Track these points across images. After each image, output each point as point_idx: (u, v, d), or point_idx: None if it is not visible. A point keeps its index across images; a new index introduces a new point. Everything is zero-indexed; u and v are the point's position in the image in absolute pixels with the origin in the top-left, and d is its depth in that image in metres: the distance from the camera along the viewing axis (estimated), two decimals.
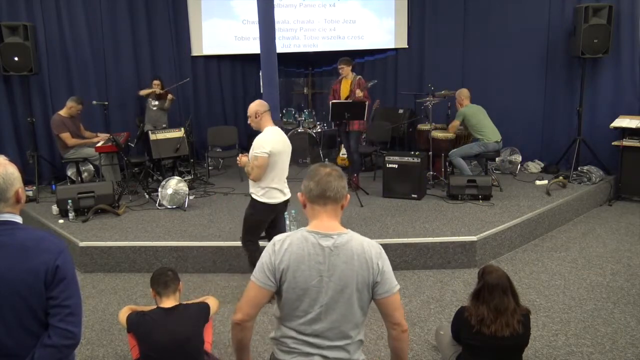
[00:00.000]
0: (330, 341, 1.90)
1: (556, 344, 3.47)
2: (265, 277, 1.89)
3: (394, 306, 1.95)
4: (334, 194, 1.91)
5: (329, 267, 1.87)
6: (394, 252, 4.73)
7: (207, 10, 8.35)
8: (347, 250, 1.88)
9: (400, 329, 1.96)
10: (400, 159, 6.06)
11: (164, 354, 2.70)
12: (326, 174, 1.92)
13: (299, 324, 1.90)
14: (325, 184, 1.91)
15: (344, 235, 1.91)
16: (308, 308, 1.88)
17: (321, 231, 1.90)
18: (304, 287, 1.87)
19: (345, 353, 1.92)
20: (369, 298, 1.94)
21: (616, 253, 4.99)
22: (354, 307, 1.90)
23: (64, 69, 7.26)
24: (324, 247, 1.88)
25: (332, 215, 1.94)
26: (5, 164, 1.78)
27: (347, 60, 6.43)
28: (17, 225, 1.78)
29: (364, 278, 1.88)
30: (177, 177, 6.12)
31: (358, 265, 1.87)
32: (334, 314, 1.88)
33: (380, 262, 1.91)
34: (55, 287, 1.71)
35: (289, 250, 1.88)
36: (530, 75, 7.35)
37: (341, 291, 1.87)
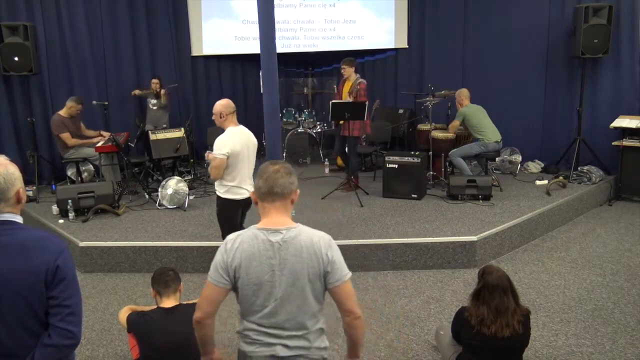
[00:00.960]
0: (289, 331, 1.98)
1: (556, 344, 3.47)
2: (218, 276, 1.97)
3: (345, 295, 2.00)
4: (282, 190, 1.97)
5: (279, 261, 1.94)
6: (394, 252, 4.73)
7: (207, 10, 8.35)
8: (296, 244, 1.95)
9: (353, 316, 2.01)
10: (400, 159, 6.06)
11: (164, 354, 2.70)
12: (274, 171, 1.99)
13: (258, 318, 1.98)
14: (272, 181, 1.97)
15: (292, 229, 1.98)
16: (264, 302, 1.96)
17: (270, 227, 1.97)
18: (258, 282, 1.95)
19: (305, 342, 2.00)
20: (322, 288, 2.00)
21: (616, 253, 4.99)
22: (308, 297, 1.97)
23: (64, 69, 7.27)
24: (273, 243, 1.95)
25: (281, 211, 2.00)
26: (6, 163, 1.78)
27: (349, 61, 6.36)
28: (18, 225, 1.78)
29: (315, 269, 1.95)
30: (177, 177, 6.12)
31: (307, 257, 1.94)
32: (289, 305, 1.96)
33: (329, 252, 1.97)
34: (55, 286, 1.71)
35: (240, 249, 1.95)
36: (530, 75, 7.35)
37: (293, 284, 1.95)
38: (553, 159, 7.20)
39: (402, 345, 3.53)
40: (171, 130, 6.68)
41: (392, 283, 4.49)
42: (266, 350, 1.98)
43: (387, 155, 6.19)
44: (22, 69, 6.55)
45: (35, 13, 6.95)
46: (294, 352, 1.98)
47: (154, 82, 7.27)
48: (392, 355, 3.42)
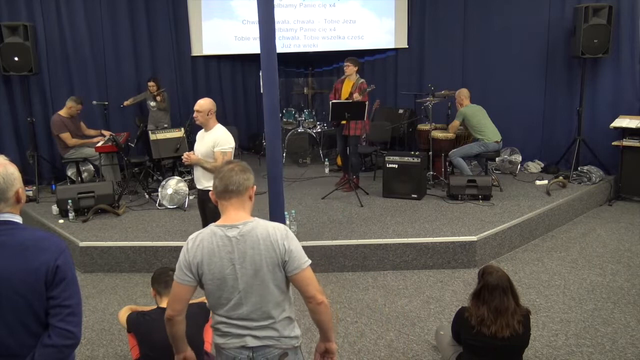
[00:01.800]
0: (257, 322, 2.05)
1: (556, 344, 3.47)
2: (183, 274, 2.05)
3: (306, 281, 2.05)
4: (236, 187, 2.05)
5: (238, 255, 2.01)
6: (394, 252, 4.73)
7: (207, 11, 8.35)
8: (253, 237, 2.02)
9: (315, 301, 2.05)
10: (400, 159, 6.06)
11: (164, 354, 2.70)
12: (229, 169, 2.07)
13: (225, 311, 2.06)
14: (227, 179, 2.05)
15: (249, 223, 2.05)
16: (229, 295, 2.04)
17: (227, 223, 2.05)
18: (220, 276, 2.02)
19: (273, 331, 2.07)
20: (282, 277, 2.06)
21: (616, 253, 4.99)
22: (270, 287, 2.04)
23: (64, 69, 7.27)
24: (231, 238, 2.02)
25: (238, 207, 2.07)
26: (6, 163, 1.78)
27: (354, 60, 6.40)
28: (17, 225, 1.78)
29: (273, 259, 2.02)
30: (177, 177, 6.12)
31: (264, 249, 2.01)
32: (252, 297, 2.04)
33: (286, 242, 2.03)
34: (55, 287, 1.71)
35: (200, 246, 2.03)
36: (530, 75, 7.35)
37: (255, 275, 2.02)
38: (553, 159, 7.20)
39: (402, 345, 3.53)
40: (171, 130, 6.68)
41: (392, 283, 4.49)
42: (237, 341, 2.06)
43: (387, 155, 6.19)
44: (22, 69, 6.55)
45: (35, 13, 6.95)
46: (263, 342, 2.06)
47: (150, 84, 7.26)
48: (392, 355, 3.43)
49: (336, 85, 6.57)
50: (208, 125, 4.19)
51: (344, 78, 6.46)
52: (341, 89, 6.45)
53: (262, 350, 2.06)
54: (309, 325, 3.59)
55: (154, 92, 7.20)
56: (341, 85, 6.47)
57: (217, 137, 4.10)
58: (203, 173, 4.18)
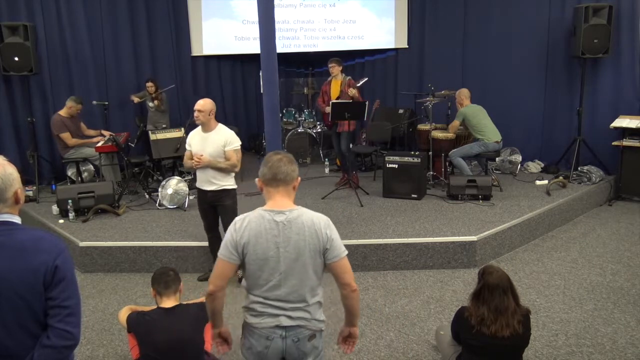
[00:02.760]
0: (292, 304, 2.17)
1: (556, 344, 3.47)
2: (229, 252, 2.16)
3: (342, 269, 2.22)
4: (284, 176, 2.18)
5: (283, 239, 2.14)
6: (394, 252, 4.73)
7: (207, 10, 8.35)
8: (299, 224, 2.15)
9: (349, 289, 2.22)
10: (400, 159, 6.06)
11: (164, 354, 2.70)
12: (277, 159, 2.20)
13: (263, 291, 2.17)
14: (276, 168, 2.18)
15: (295, 211, 2.19)
16: (269, 276, 2.15)
17: (275, 209, 2.18)
18: (264, 257, 2.14)
19: (306, 313, 2.20)
20: (321, 263, 2.20)
21: (616, 253, 4.99)
22: (309, 272, 2.18)
23: (64, 69, 7.26)
24: (278, 222, 2.15)
25: (284, 195, 2.21)
26: (4, 164, 1.77)
27: (338, 60, 6.48)
28: (16, 226, 1.77)
29: (315, 246, 2.16)
30: (177, 177, 6.12)
31: (309, 235, 2.15)
32: (292, 279, 2.16)
33: (328, 231, 2.18)
34: (54, 287, 1.71)
35: (248, 227, 2.15)
36: (530, 75, 7.35)
37: (296, 259, 2.15)
38: (553, 159, 7.20)
39: (402, 345, 3.53)
40: (171, 130, 6.68)
41: (392, 283, 4.49)
42: (271, 320, 2.17)
43: (387, 155, 6.19)
44: (22, 69, 6.55)
45: (35, 13, 6.95)
46: (296, 322, 2.18)
47: (148, 85, 7.25)
48: (392, 355, 3.43)
49: (323, 88, 6.60)
50: (209, 126, 4.19)
51: (330, 79, 6.50)
52: (330, 90, 6.49)
53: (295, 330, 2.17)
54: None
55: (152, 93, 7.20)
56: (329, 87, 6.52)
57: (226, 136, 4.18)
58: (215, 174, 4.16)
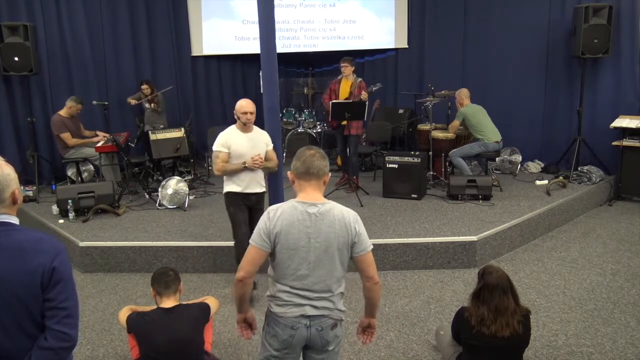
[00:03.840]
0: (317, 293, 2.24)
1: (556, 344, 3.47)
2: (261, 240, 2.21)
3: (367, 262, 2.28)
4: (317, 171, 2.26)
5: (315, 230, 2.21)
6: (394, 252, 4.73)
7: (207, 10, 8.35)
8: (330, 216, 2.23)
9: (373, 281, 2.30)
10: (400, 159, 6.06)
11: (164, 354, 2.70)
12: (310, 154, 2.28)
13: (291, 280, 2.23)
14: (309, 163, 2.25)
15: (326, 204, 2.26)
16: (298, 266, 2.22)
17: (307, 201, 2.24)
18: (294, 247, 2.20)
19: (330, 303, 2.27)
20: (347, 256, 2.27)
21: (616, 253, 4.99)
22: (336, 263, 2.25)
23: (64, 69, 7.26)
24: (311, 214, 2.22)
25: (316, 189, 2.28)
26: (1, 164, 1.76)
27: (350, 60, 6.39)
28: (14, 227, 1.77)
29: (344, 239, 2.23)
30: (177, 177, 6.12)
31: (339, 228, 2.22)
32: (320, 269, 2.22)
33: (357, 226, 2.26)
34: (52, 288, 1.70)
35: (281, 217, 2.21)
36: (530, 75, 7.35)
37: (325, 250, 2.21)
38: (553, 159, 7.20)
39: (402, 345, 3.53)
40: (171, 130, 6.68)
41: (392, 283, 4.49)
42: (297, 310, 2.23)
43: (387, 155, 6.19)
44: (22, 69, 6.55)
45: (35, 13, 6.95)
46: (320, 312, 2.25)
47: (143, 87, 7.23)
48: (392, 355, 3.43)
49: (332, 87, 6.50)
50: (252, 126, 4.24)
51: (340, 78, 6.44)
52: (338, 89, 6.41)
53: (319, 319, 2.24)
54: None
55: (148, 95, 7.19)
56: (338, 85, 6.43)
57: (266, 136, 4.25)
58: (262, 175, 4.15)
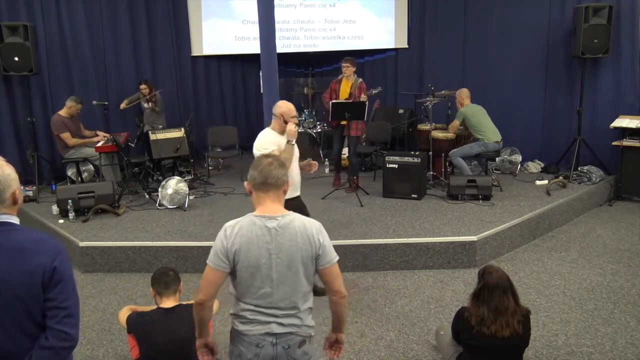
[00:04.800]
0: (283, 310, 2.13)
1: (556, 344, 3.47)
2: (219, 260, 2.10)
3: (333, 275, 2.18)
4: (275, 181, 2.14)
5: (275, 245, 2.09)
6: (394, 252, 4.73)
7: (207, 10, 8.35)
8: (291, 229, 2.11)
9: (339, 295, 2.20)
10: (400, 159, 6.06)
11: (164, 354, 2.70)
12: (267, 163, 2.15)
13: (254, 299, 2.12)
14: (267, 172, 2.13)
15: (287, 216, 2.15)
16: (261, 284, 2.11)
17: (266, 214, 2.13)
18: (256, 265, 2.09)
19: (298, 320, 2.17)
20: (313, 269, 2.17)
21: (616, 253, 4.99)
22: (301, 279, 2.14)
23: (64, 69, 7.26)
24: (270, 229, 2.10)
25: (275, 200, 2.17)
26: (2, 165, 1.77)
27: (352, 60, 6.37)
28: (15, 227, 1.77)
29: (308, 252, 2.12)
30: (177, 177, 6.11)
31: (301, 242, 2.11)
32: (284, 286, 2.12)
33: (320, 237, 2.14)
34: (52, 288, 1.70)
35: (239, 234, 2.09)
36: (530, 75, 7.35)
37: (288, 266, 2.11)
38: (553, 159, 7.20)
39: (402, 345, 3.53)
40: (171, 130, 6.68)
41: (392, 283, 4.49)
42: (261, 328, 2.12)
43: (387, 155, 6.19)
44: (22, 69, 6.54)
45: (35, 13, 6.94)
46: (287, 330, 2.14)
47: (142, 87, 7.23)
48: (392, 355, 3.43)
49: (332, 86, 6.49)
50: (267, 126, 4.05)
51: (341, 78, 6.44)
52: (339, 89, 6.41)
53: (285, 337, 2.14)
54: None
55: (147, 95, 7.19)
56: (338, 85, 6.43)
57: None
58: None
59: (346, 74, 6.34)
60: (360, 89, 6.23)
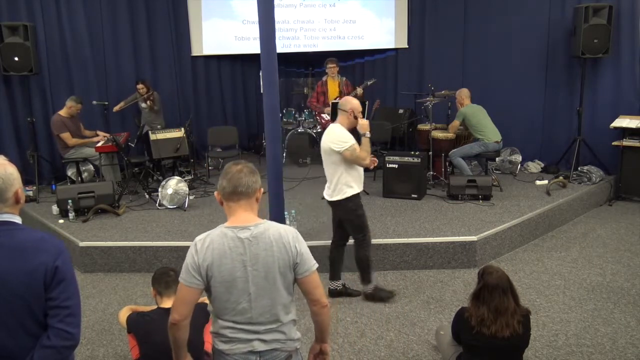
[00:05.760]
0: (264, 325, 2.03)
1: (556, 344, 3.47)
2: (191, 277, 1.99)
3: (313, 284, 2.07)
4: (245, 189, 2.02)
5: (250, 256, 1.99)
6: (394, 252, 4.73)
7: (207, 10, 8.35)
8: (266, 239, 2.00)
9: (320, 304, 2.09)
10: (400, 159, 6.06)
11: (164, 354, 2.70)
12: (237, 171, 2.03)
13: (233, 315, 2.02)
14: (236, 180, 2.01)
15: (260, 225, 2.03)
16: (238, 298, 2.00)
17: (238, 225, 2.02)
18: (231, 279, 1.98)
19: (281, 334, 2.06)
20: (292, 279, 2.06)
21: (616, 253, 4.99)
22: (280, 289, 2.03)
23: (64, 69, 7.26)
24: (243, 239, 1.99)
25: (247, 209, 2.05)
26: (5, 164, 1.78)
27: (336, 60, 6.46)
28: (17, 226, 1.78)
29: (285, 261, 2.01)
30: (177, 177, 6.12)
31: (277, 251, 2.00)
32: (262, 299, 2.01)
33: (297, 245, 2.04)
34: (54, 288, 1.71)
35: (210, 247, 1.99)
36: (530, 75, 7.35)
37: (265, 277, 2.00)
38: (553, 159, 7.20)
39: (402, 345, 3.53)
40: (171, 130, 6.68)
41: (392, 283, 4.49)
42: (244, 346, 2.02)
43: (387, 155, 6.19)
44: (22, 69, 6.54)
45: (35, 13, 6.94)
46: (271, 346, 2.04)
47: (139, 87, 7.22)
48: (392, 355, 3.43)
49: (319, 89, 6.51)
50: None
51: (326, 80, 6.48)
52: (327, 90, 6.46)
53: (270, 354, 2.04)
54: (309, 325, 3.59)
55: (144, 94, 7.19)
56: (326, 87, 6.49)
57: None
58: None
59: (333, 73, 6.38)
60: (348, 85, 6.29)
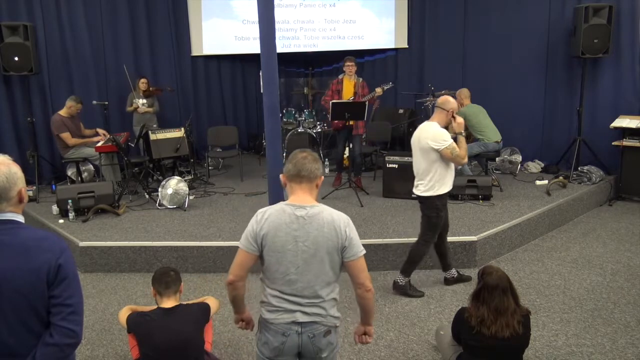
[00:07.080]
0: (307, 299, 2.20)
1: (556, 344, 3.47)
2: (248, 243, 2.21)
3: (359, 268, 2.23)
4: (308, 173, 2.23)
5: (302, 233, 2.17)
6: (394, 252, 4.73)
7: (207, 10, 8.36)
8: (319, 220, 2.18)
9: (364, 288, 2.24)
10: (400, 159, 6.06)
11: (164, 354, 2.70)
12: (302, 157, 2.25)
13: (280, 285, 2.20)
14: (301, 165, 2.23)
15: (316, 207, 2.22)
16: (287, 269, 2.18)
17: (296, 203, 2.21)
18: (282, 250, 2.17)
19: (321, 309, 2.22)
20: (339, 261, 2.22)
21: (616, 253, 4.99)
22: (326, 267, 2.20)
23: (64, 69, 7.26)
24: (299, 217, 2.18)
25: (307, 191, 2.25)
26: (9, 163, 1.79)
27: (355, 59, 6.42)
28: (20, 225, 1.79)
29: (334, 243, 2.18)
30: (177, 177, 6.11)
31: (328, 232, 2.17)
32: (308, 274, 2.18)
33: (347, 230, 2.20)
34: (57, 286, 1.72)
35: (269, 220, 2.19)
36: (530, 75, 7.35)
37: (314, 254, 2.17)
38: (553, 159, 7.20)
39: (402, 345, 3.53)
40: (171, 130, 6.68)
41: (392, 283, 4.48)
42: (288, 316, 2.20)
43: (387, 155, 6.19)
44: (22, 69, 6.54)
45: (35, 13, 6.94)
46: (312, 319, 2.21)
47: (142, 81, 7.24)
48: (392, 355, 3.43)
49: (335, 87, 6.44)
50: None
51: (342, 78, 6.44)
52: (342, 89, 6.42)
53: (310, 326, 2.20)
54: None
55: (146, 90, 7.18)
56: (341, 86, 6.43)
57: None
58: None
59: (350, 72, 6.35)
60: (364, 87, 6.27)
